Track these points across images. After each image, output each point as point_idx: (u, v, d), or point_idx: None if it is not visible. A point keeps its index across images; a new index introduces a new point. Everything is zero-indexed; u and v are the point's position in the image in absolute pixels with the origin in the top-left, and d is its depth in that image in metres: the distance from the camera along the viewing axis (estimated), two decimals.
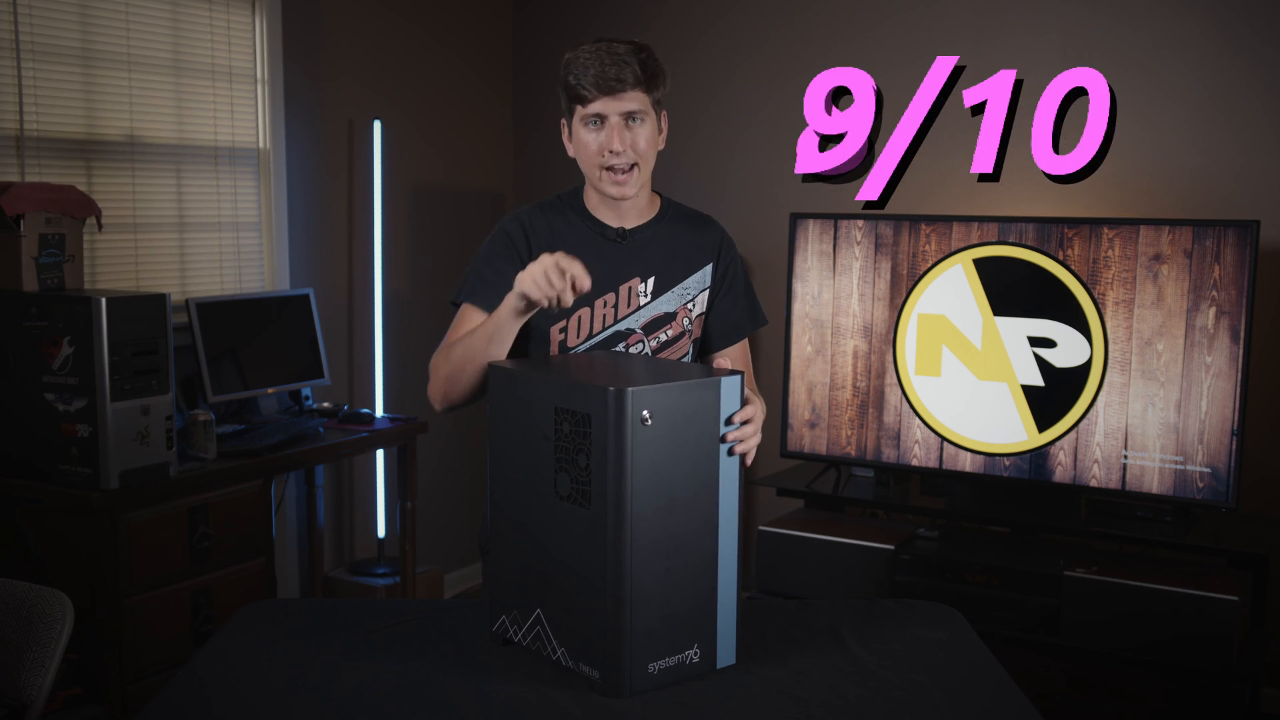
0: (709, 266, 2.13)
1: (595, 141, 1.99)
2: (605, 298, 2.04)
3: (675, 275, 2.10)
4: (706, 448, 1.63)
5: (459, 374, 1.96)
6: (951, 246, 3.43)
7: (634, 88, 1.96)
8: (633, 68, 1.95)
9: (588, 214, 2.10)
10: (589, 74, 1.95)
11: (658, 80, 2.00)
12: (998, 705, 1.65)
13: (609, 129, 1.98)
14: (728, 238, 2.17)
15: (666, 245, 2.10)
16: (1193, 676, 3.03)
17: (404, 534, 3.91)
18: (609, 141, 1.98)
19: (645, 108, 1.99)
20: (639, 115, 1.99)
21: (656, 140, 2.04)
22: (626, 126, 1.98)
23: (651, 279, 2.08)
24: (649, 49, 2.01)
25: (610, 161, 1.99)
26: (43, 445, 2.88)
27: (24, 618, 2.11)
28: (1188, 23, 3.59)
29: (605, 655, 1.58)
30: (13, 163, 3.15)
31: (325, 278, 4.10)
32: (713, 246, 2.14)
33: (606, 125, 1.98)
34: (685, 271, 2.11)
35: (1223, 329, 3.11)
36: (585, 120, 1.99)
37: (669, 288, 2.09)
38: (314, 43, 4.01)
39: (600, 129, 1.99)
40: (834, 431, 3.65)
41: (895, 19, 4.02)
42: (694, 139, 4.41)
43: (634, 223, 2.10)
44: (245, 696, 1.62)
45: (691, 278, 2.11)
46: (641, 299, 2.06)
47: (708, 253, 2.13)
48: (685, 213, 2.17)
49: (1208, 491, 3.14)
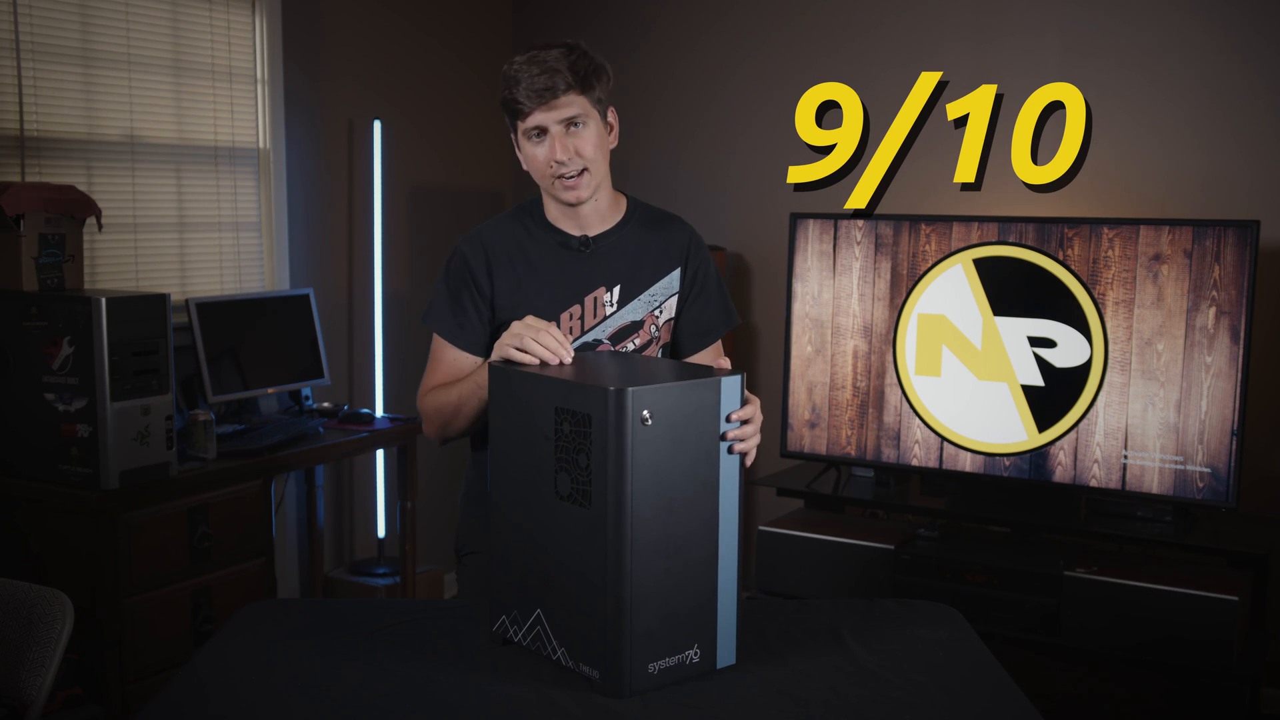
0: (676, 271, 2.08)
1: (541, 154, 1.95)
2: (570, 309, 2.01)
3: (641, 282, 2.05)
4: (706, 448, 1.63)
5: (453, 420, 1.97)
6: (951, 246, 3.43)
7: (567, 92, 1.91)
8: (563, 73, 1.90)
9: (549, 224, 2.05)
10: (520, 86, 1.91)
11: (593, 79, 1.94)
12: (998, 705, 1.65)
13: (550, 140, 1.94)
14: (696, 238, 2.12)
15: (632, 251, 2.05)
16: (1193, 676, 3.03)
17: (404, 534, 3.91)
18: (552, 153, 1.94)
19: (585, 110, 1.94)
20: (579, 119, 1.94)
21: (605, 141, 1.99)
22: (568, 133, 1.93)
23: (617, 288, 2.03)
24: (580, 48, 1.95)
25: (558, 171, 1.95)
26: (43, 445, 2.88)
27: (24, 618, 2.11)
28: (1188, 23, 3.59)
29: (605, 655, 1.58)
30: (13, 163, 3.15)
31: (325, 278, 4.10)
32: (680, 249, 2.09)
33: (548, 136, 1.94)
34: (652, 278, 2.06)
35: (1223, 329, 3.11)
36: (527, 134, 1.95)
37: (635, 295, 2.04)
38: (314, 43, 4.01)
39: (543, 141, 1.95)
40: (834, 431, 3.65)
41: (895, 19, 4.02)
42: (694, 139, 4.41)
43: (597, 229, 2.05)
44: (245, 696, 1.62)
45: (658, 284, 2.07)
46: (608, 309, 2.03)
47: (675, 256, 2.08)
48: (651, 215, 2.11)
49: (1208, 492, 3.14)
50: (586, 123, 1.95)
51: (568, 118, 1.93)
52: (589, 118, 1.95)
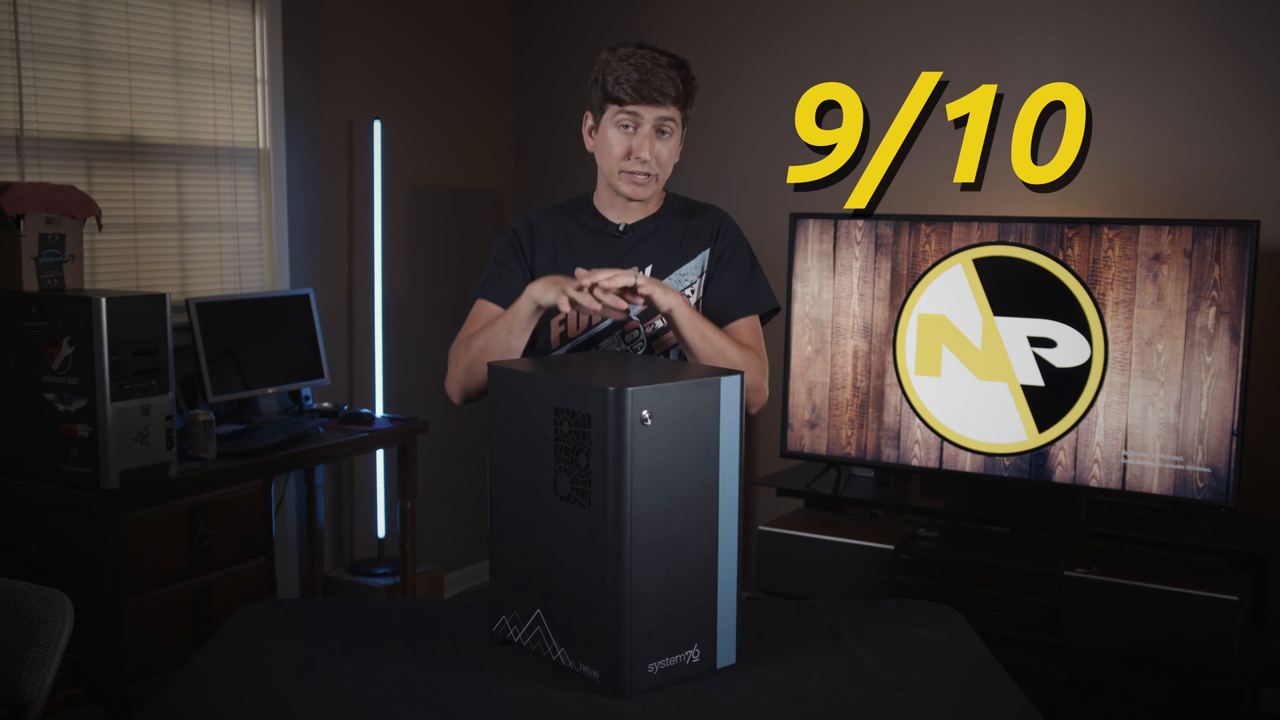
0: (705, 252, 2.16)
1: (623, 143, 2.05)
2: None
3: (672, 263, 2.14)
4: (706, 448, 1.63)
5: (478, 363, 2.03)
6: (951, 246, 3.43)
7: (673, 103, 2.03)
8: (675, 82, 2.02)
9: (593, 210, 2.17)
10: (632, 77, 2.00)
11: (692, 98, 2.07)
12: (998, 705, 1.65)
13: (640, 135, 2.04)
14: (727, 220, 2.20)
15: (666, 237, 2.15)
16: (1193, 676, 3.03)
17: (404, 534, 3.91)
18: (639, 148, 2.04)
19: (676, 121, 2.06)
20: (669, 129, 2.05)
21: (677, 153, 2.11)
22: (656, 136, 2.05)
23: (649, 269, 2.12)
24: (688, 66, 2.07)
25: (633, 166, 2.05)
26: (43, 445, 2.88)
27: (24, 618, 2.11)
28: (1188, 23, 3.59)
29: (605, 655, 1.58)
30: (13, 163, 3.15)
31: (325, 278, 4.10)
32: (710, 231, 2.17)
33: (639, 131, 2.04)
34: (682, 259, 2.15)
35: (1223, 329, 3.11)
36: (618, 121, 2.04)
37: (665, 276, 2.12)
38: (314, 43, 4.01)
39: (631, 132, 2.04)
40: (834, 431, 3.65)
41: (895, 19, 4.02)
42: (694, 139, 4.38)
43: (637, 218, 2.16)
44: (245, 696, 1.62)
45: (688, 264, 2.15)
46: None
47: (704, 239, 2.17)
48: (688, 206, 2.21)
49: (1208, 491, 3.14)
50: (673, 133, 2.07)
51: (662, 119, 2.04)
52: (676, 129, 2.08)
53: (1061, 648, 3.16)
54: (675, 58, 2.06)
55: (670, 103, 2.03)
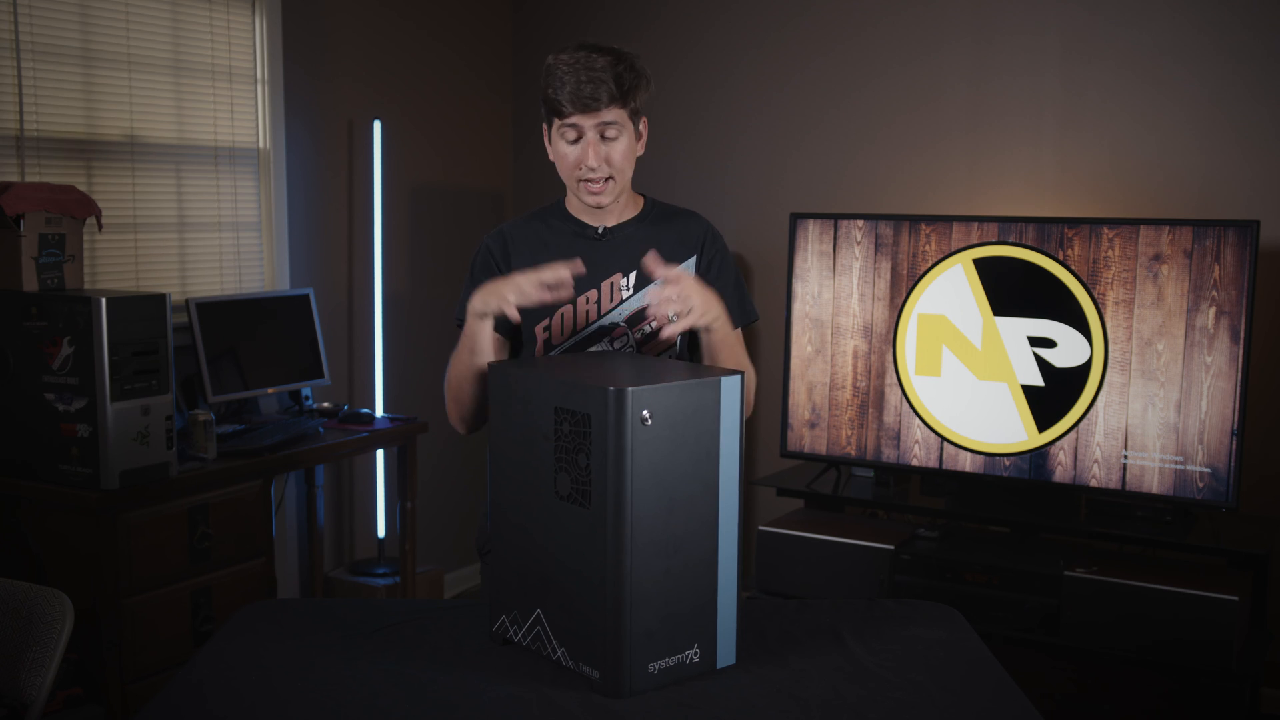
0: (692, 259, 2.13)
1: (572, 154, 2.02)
2: (588, 294, 2.07)
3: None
4: (706, 448, 1.63)
5: (461, 393, 2.04)
6: (951, 246, 3.43)
7: (610, 105, 1.97)
8: (608, 85, 1.95)
9: (569, 216, 2.14)
10: (565, 89, 1.96)
11: (635, 92, 2.00)
12: (998, 705, 1.65)
13: (584, 145, 2.00)
14: (713, 230, 2.17)
15: (648, 240, 2.11)
16: (1193, 676, 3.03)
17: (404, 534, 3.91)
18: (584, 157, 2.00)
19: (621, 121, 2.00)
20: (614, 129, 2.00)
21: (633, 150, 2.06)
22: (602, 140, 2.00)
23: (633, 273, 2.09)
24: (629, 59, 2.00)
25: (586, 175, 2.02)
26: (43, 445, 2.88)
27: (24, 618, 2.11)
28: (1188, 23, 3.59)
29: (605, 655, 1.58)
30: (13, 163, 3.15)
31: (325, 278, 4.10)
32: (696, 239, 2.15)
33: (582, 141, 2.00)
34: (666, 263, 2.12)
35: (1223, 329, 3.11)
36: (562, 133, 2.01)
37: (650, 280, 2.09)
38: (314, 43, 4.01)
39: (576, 143, 2.01)
40: (834, 431, 3.65)
41: (895, 18, 4.02)
42: (694, 139, 4.41)
43: (615, 222, 2.13)
44: (244, 696, 1.62)
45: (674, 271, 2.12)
46: (624, 293, 2.09)
47: (691, 245, 2.14)
48: (668, 210, 2.18)
49: (1208, 491, 3.14)
50: (621, 132, 2.01)
51: (604, 123, 1.99)
52: (624, 128, 2.01)
53: (1061, 648, 3.16)
54: (615, 53, 1.99)
55: (607, 105, 1.97)
